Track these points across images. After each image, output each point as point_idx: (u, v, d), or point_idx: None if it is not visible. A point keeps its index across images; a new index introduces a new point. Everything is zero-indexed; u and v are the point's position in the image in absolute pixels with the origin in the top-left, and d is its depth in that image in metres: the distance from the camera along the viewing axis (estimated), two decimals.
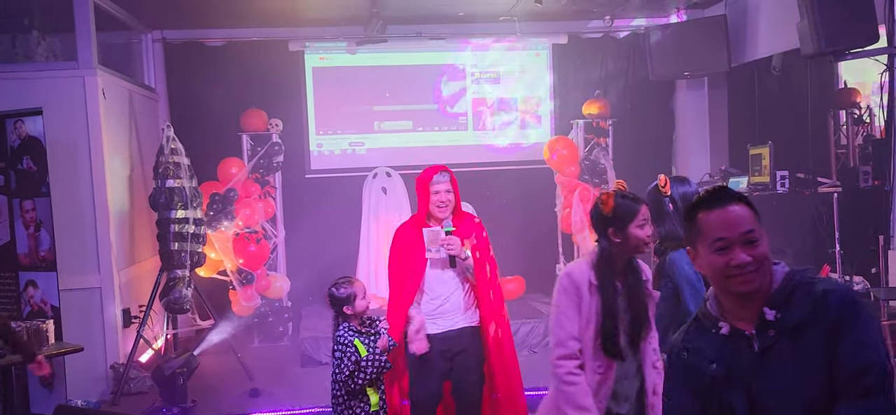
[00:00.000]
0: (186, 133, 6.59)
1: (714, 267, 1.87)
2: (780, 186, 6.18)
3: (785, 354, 1.80)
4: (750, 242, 1.83)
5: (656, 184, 3.30)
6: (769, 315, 1.83)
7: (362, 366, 3.49)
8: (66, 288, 5.41)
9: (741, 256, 1.82)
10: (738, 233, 1.84)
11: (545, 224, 8.11)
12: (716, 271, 1.87)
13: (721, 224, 1.86)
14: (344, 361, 3.51)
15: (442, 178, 3.71)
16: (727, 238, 1.84)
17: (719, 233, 1.85)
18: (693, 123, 8.03)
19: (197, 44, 7.68)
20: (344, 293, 3.63)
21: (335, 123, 8.09)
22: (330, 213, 7.77)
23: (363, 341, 3.59)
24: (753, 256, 1.82)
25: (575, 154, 7.72)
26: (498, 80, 8.34)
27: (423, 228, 3.73)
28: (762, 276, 1.84)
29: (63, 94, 5.78)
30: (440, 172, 3.73)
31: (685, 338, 2.00)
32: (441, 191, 3.69)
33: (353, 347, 3.53)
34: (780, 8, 5.91)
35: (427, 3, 7.05)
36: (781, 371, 1.81)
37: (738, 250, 1.83)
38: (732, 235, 1.84)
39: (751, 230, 1.84)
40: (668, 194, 3.26)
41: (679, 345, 2.00)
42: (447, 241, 3.66)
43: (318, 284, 7.60)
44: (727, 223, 1.85)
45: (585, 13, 7.68)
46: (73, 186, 5.76)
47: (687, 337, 1.99)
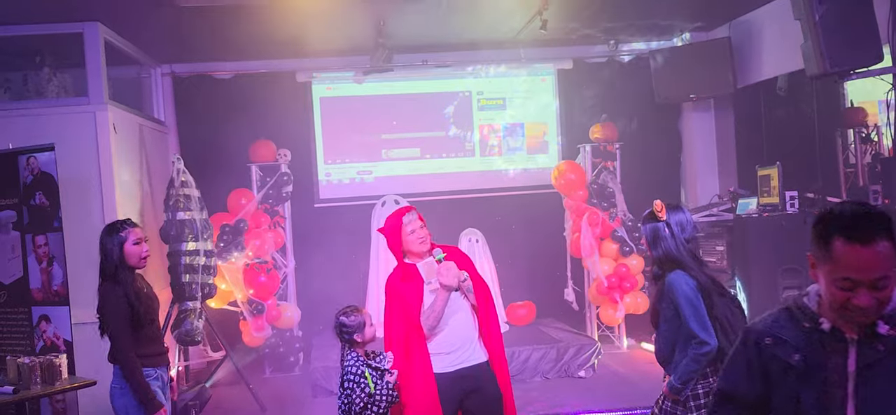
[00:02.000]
0: (196, 165, 6.65)
1: (833, 297, 1.78)
2: (789, 207, 6.16)
3: (890, 369, 1.79)
4: (877, 288, 1.73)
5: (652, 210, 3.42)
6: (882, 329, 1.78)
7: (377, 399, 3.48)
8: (78, 322, 5.42)
9: (865, 298, 1.73)
10: (871, 278, 1.72)
11: (554, 249, 8.10)
12: (834, 301, 1.78)
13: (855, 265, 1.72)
14: (357, 391, 3.49)
15: (412, 216, 3.74)
16: (857, 280, 1.73)
17: (849, 273, 1.73)
18: (700, 144, 8.04)
19: (205, 77, 7.77)
20: (355, 322, 3.63)
21: (343, 151, 8.14)
22: (339, 242, 7.79)
23: (371, 373, 3.57)
24: (878, 300, 1.73)
25: (583, 178, 7.73)
26: (504, 106, 8.39)
27: (417, 265, 3.71)
28: (879, 313, 1.77)
29: (75, 130, 5.85)
30: (408, 212, 3.74)
31: (771, 327, 1.95)
32: (416, 228, 3.69)
33: (364, 379, 3.52)
34: (785, 29, 5.94)
35: (432, 31, 7.12)
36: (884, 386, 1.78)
37: (864, 292, 1.73)
38: (864, 278, 1.73)
39: (883, 276, 1.72)
40: (664, 220, 3.37)
41: (762, 331, 1.95)
42: (445, 267, 3.64)
43: (328, 313, 7.55)
44: (862, 266, 1.71)
45: (590, 38, 7.73)
46: (85, 221, 5.80)
47: (774, 326, 1.95)
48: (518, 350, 6.77)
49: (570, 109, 8.38)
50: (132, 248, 3.83)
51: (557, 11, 6.43)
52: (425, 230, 3.74)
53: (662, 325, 3.35)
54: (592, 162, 7.93)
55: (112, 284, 3.80)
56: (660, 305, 3.35)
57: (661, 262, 3.37)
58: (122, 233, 3.84)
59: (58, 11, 5.69)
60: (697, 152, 8.05)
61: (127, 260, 3.82)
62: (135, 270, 3.89)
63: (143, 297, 3.85)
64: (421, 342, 3.62)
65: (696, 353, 3.18)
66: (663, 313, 3.33)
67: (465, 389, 3.64)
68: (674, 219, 3.36)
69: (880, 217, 1.74)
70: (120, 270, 3.80)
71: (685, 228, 3.36)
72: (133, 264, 3.85)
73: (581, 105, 8.29)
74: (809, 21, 4.88)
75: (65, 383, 4.61)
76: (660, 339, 3.38)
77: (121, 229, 3.85)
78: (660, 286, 3.37)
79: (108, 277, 3.82)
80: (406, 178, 8.17)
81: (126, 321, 3.76)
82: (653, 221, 3.39)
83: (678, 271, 3.27)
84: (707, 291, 3.25)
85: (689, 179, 8.24)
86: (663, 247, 3.35)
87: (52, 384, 4.48)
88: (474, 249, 7.49)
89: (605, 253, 7.50)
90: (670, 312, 3.29)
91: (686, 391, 3.23)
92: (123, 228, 3.87)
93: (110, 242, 3.82)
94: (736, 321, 3.28)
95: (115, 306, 3.77)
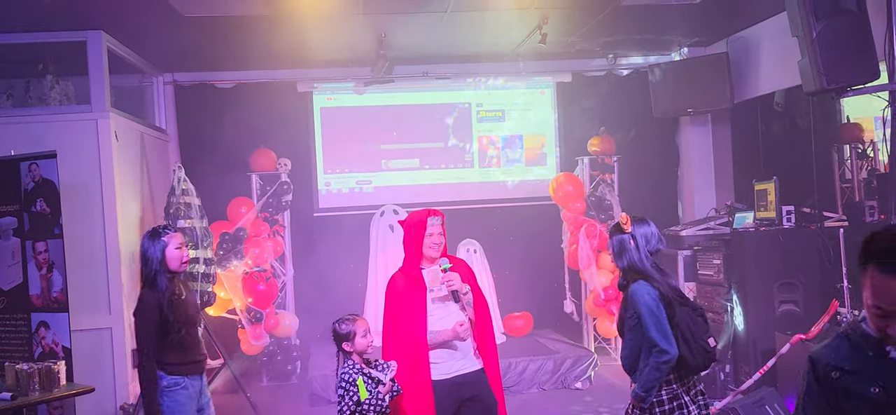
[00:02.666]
0: (197, 173, 6.69)
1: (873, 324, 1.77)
2: (786, 221, 6.20)
3: None
4: None
5: (618, 222, 3.55)
6: None
7: (364, 409, 3.49)
8: (77, 329, 5.45)
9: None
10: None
11: (552, 260, 8.14)
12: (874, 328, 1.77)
13: (886, 296, 1.71)
14: (346, 399, 3.51)
15: (436, 221, 3.79)
16: (886, 310, 1.72)
17: (880, 302, 1.72)
18: (698, 158, 8.08)
19: (207, 86, 7.81)
20: (344, 330, 3.65)
21: (343, 161, 8.18)
22: (338, 251, 7.81)
23: (365, 380, 3.58)
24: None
25: (581, 190, 7.77)
26: (503, 118, 8.44)
27: (423, 270, 3.76)
28: None
29: (76, 137, 5.90)
30: (434, 215, 3.79)
31: (834, 357, 1.88)
32: (435, 233, 3.76)
33: (355, 386, 3.53)
34: (782, 45, 5.99)
35: (433, 43, 7.17)
36: None
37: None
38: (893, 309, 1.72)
39: None
40: (629, 232, 3.49)
41: (827, 364, 1.89)
42: (447, 278, 3.71)
43: (326, 322, 7.59)
44: (891, 296, 1.70)
45: (589, 52, 7.79)
46: (85, 228, 5.84)
47: (837, 357, 1.88)
48: (515, 361, 6.79)
49: (569, 122, 8.43)
50: (174, 252, 3.85)
51: (557, 26, 6.49)
52: (442, 239, 3.81)
53: (627, 334, 3.47)
54: (590, 174, 7.97)
55: (149, 290, 3.81)
56: (625, 315, 3.48)
57: (626, 272, 3.50)
58: (164, 238, 3.85)
59: (61, 20, 5.74)
60: (695, 166, 8.09)
61: (168, 264, 3.83)
62: (175, 275, 3.91)
63: (177, 303, 3.85)
64: (420, 348, 3.66)
65: (657, 361, 3.29)
66: (628, 322, 3.45)
67: (462, 396, 3.68)
68: (639, 231, 3.48)
69: None
70: (159, 274, 3.82)
71: (649, 241, 3.48)
72: (174, 269, 3.87)
73: (579, 118, 8.34)
74: (807, 38, 4.93)
75: (63, 390, 4.62)
76: (625, 347, 3.51)
77: (163, 234, 3.87)
78: (624, 296, 3.51)
79: (148, 283, 3.83)
80: (405, 188, 8.21)
81: (153, 328, 3.75)
82: (619, 234, 3.51)
83: (641, 282, 3.39)
84: (668, 301, 3.36)
85: (686, 192, 8.27)
86: (628, 258, 3.47)
87: (51, 391, 4.50)
88: (472, 260, 7.52)
89: (602, 265, 7.53)
90: (634, 321, 3.41)
91: (650, 398, 3.34)
92: (166, 232, 3.90)
93: (152, 247, 3.83)
94: (697, 330, 3.39)
95: (144, 313, 3.78)
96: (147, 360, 3.77)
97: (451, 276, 3.73)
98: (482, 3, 5.84)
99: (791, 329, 5.64)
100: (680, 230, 7.13)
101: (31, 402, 4.41)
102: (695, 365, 3.38)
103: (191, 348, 3.94)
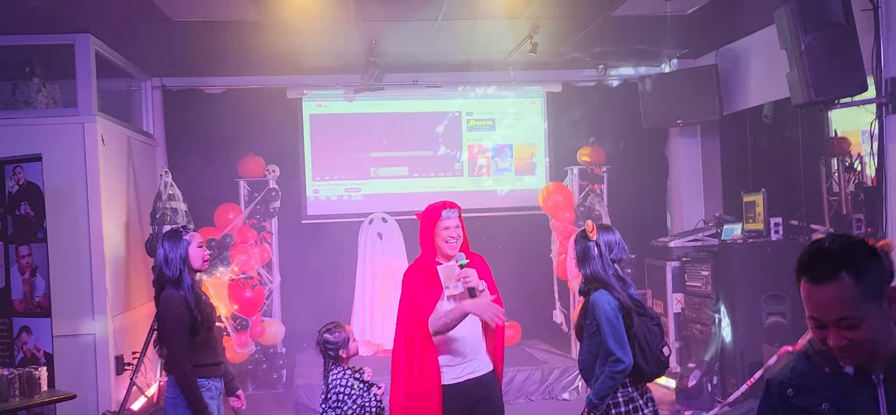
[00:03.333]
0: (184, 179, 6.64)
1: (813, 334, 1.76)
2: (774, 233, 6.22)
3: None
4: (846, 327, 1.69)
5: (584, 229, 3.59)
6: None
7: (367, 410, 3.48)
8: (59, 334, 5.38)
9: (835, 338, 1.70)
10: (833, 319, 1.70)
11: (541, 270, 8.12)
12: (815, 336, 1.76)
13: (814, 303, 1.72)
14: (348, 403, 3.49)
15: (452, 213, 3.64)
16: (821, 320, 1.72)
17: (813, 311, 1.73)
18: (687, 169, 8.10)
19: (196, 91, 7.77)
20: (339, 337, 3.63)
21: (332, 169, 8.15)
22: (326, 258, 7.77)
23: (359, 385, 3.58)
24: (851, 340, 1.70)
25: (570, 200, 7.77)
26: (493, 127, 8.44)
27: (437, 267, 3.57)
28: (866, 353, 1.72)
29: (62, 141, 5.84)
30: (449, 207, 3.62)
31: (790, 375, 1.88)
32: (451, 226, 3.60)
33: (354, 391, 3.52)
34: (771, 58, 6.02)
35: (423, 52, 7.17)
36: None
37: (833, 332, 1.71)
38: (826, 319, 1.71)
39: (843, 318, 1.69)
40: (594, 239, 3.53)
41: (783, 381, 1.89)
42: (463, 274, 3.55)
43: (313, 330, 7.53)
44: (819, 305, 1.71)
45: (579, 62, 7.81)
46: (70, 232, 5.77)
47: (793, 374, 1.88)
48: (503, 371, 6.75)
49: (559, 132, 8.44)
50: (196, 251, 3.83)
51: (548, 35, 6.50)
52: (459, 232, 3.65)
53: (586, 340, 3.53)
54: (580, 184, 7.97)
55: (174, 289, 3.75)
56: (584, 321, 3.55)
57: (588, 280, 3.55)
58: (186, 237, 3.83)
59: (49, 23, 5.69)
60: (684, 177, 8.11)
61: (191, 262, 3.81)
62: (196, 274, 3.89)
63: (202, 303, 3.82)
64: (430, 351, 3.51)
65: (611, 370, 3.36)
66: (587, 328, 3.51)
67: (473, 398, 3.59)
68: (603, 239, 3.53)
69: (843, 255, 1.71)
70: (184, 273, 3.77)
71: (613, 249, 3.52)
72: (197, 267, 3.85)
73: (569, 128, 8.35)
74: (795, 51, 4.95)
75: (44, 397, 4.57)
76: (583, 352, 3.57)
77: (184, 233, 3.85)
78: (584, 303, 3.57)
79: (171, 283, 3.77)
80: (394, 196, 8.18)
81: (185, 328, 3.70)
82: (584, 241, 3.55)
83: (602, 291, 3.45)
84: (627, 311, 3.42)
85: (675, 203, 8.29)
86: (591, 266, 3.51)
87: (32, 397, 4.45)
88: None
89: None
90: (592, 328, 3.47)
91: (602, 406, 3.41)
92: (187, 231, 3.89)
93: (174, 249, 3.78)
94: (654, 340, 3.47)
95: (175, 312, 3.71)
96: (183, 356, 3.69)
97: (468, 272, 3.57)
98: (473, 12, 5.84)
99: (778, 341, 5.65)
100: (668, 241, 7.15)
101: (11, 408, 4.35)
102: (649, 373, 3.47)
103: (214, 349, 3.94)
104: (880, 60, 4.93)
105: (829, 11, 4.88)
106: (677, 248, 6.92)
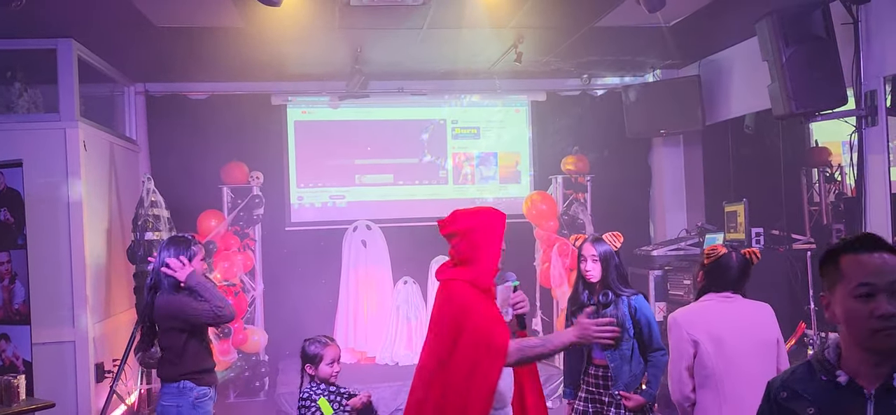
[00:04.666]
0: (167, 185, 6.59)
1: (854, 315, 1.75)
2: (755, 243, 6.26)
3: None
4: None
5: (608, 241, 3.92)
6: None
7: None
8: (39, 342, 5.32)
9: (886, 306, 1.70)
10: (886, 281, 1.71)
11: (524, 278, 8.08)
12: (855, 320, 1.75)
13: (867, 269, 1.73)
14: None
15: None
16: (873, 284, 1.72)
17: (864, 277, 1.73)
18: (670, 179, 8.16)
19: (180, 96, 7.72)
20: (312, 351, 3.58)
21: (316, 176, 8.13)
22: (309, 266, 7.74)
23: (330, 398, 3.52)
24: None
25: (554, 209, 7.80)
26: (478, 135, 8.45)
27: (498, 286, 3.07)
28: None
29: (44, 146, 5.78)
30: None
31: (789, 378, 1.92)
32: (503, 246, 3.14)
33: (315, 405, 3.47)
34: (752, 69, 6.09)
35: (409, 59, 7.17)
36: None
37: (884, 299, 1.70)
38: (880, 281, 1.71)
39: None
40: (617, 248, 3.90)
41: (779, 386, 1.92)
42: (518, 298, 3.06)
43: (296, 338, 7.50)
44: (875, 269, 1.72)
45: (563, 72, 7.85)
46: (50, 238, 5.71)
47: (790, 379, 1.91)
48: None
49: (543, 141, 8.47)
50: (199, 264, 3.93)
51: (532, 45, 6.52)
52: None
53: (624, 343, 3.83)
54: (564, 193, 8.00)
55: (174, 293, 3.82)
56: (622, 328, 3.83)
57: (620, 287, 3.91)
58: (193, 247, 3.93)
59: (31, 27, 5.63)
60: (666, 187, 8.16)
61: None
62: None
63: None
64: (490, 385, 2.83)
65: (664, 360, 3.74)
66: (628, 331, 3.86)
67: None
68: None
69: (882, 240, 1.80)
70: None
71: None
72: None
73: (554, 137, 8.39)
74: (777, 63, 5.01)
75: (22, 405, 4.52)
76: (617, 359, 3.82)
77: (192, 243, 3.95)
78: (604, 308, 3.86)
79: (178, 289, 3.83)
80: (379, 203, 8.17)
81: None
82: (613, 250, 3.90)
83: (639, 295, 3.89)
84: None
85: (657, 212, 8.34)
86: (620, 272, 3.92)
87: (10, 406, 4.39)
88: None
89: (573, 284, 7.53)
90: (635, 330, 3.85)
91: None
92: (196, 243, 3.99)
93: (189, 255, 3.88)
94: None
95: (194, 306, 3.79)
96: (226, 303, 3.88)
97: (522, 296, 3.10)
98: (458, 22, 5.85)
99: None
100: (651, 250, 7.18)
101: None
102: None
103: (211, 355, 4.03)
104: (860, 73, 5.00)
105: (810, 25, 4.95)
106: (660, 256, 6.96)
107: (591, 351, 3.83)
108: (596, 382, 3.83)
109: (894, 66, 4.88)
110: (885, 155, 4.97)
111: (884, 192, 4.97)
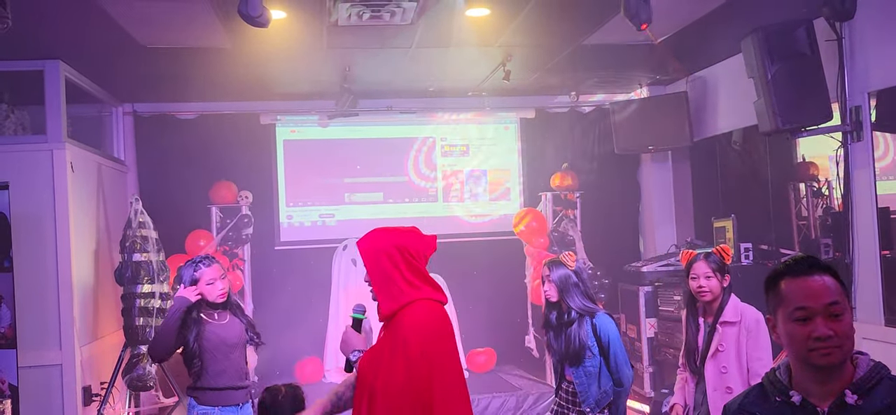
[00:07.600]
0: (155, 205, 6.56)
1: (793, 337, 1.81)
2: (744, 259, 6.29)
3: None
4: (833, 315, 1.78)
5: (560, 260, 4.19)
6: (850, 399, 1.78)
7: None
8: (25, 365, 5.27)
9: (822, 328, 1.76)
10: (822, 304, 1.78)
11: (515, 296, 8.13)
12: (795, 342, 1.81)
13: (804, 293, 1.80)
14: None
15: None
16: (810, 307, 1.79)
17: (801, 301, 1.80)
18: (658, 195, 8.18)
19: (168, 117, 7.70)
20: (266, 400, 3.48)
21: (306, 194, 8.11)
22: (299, 285, 7.71)
23: None
24: (835, 331, 1.77)
25: (544, 226, 7.81)
26: (467, 153, 8.47)
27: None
28: (843, 352, 1.78)
29: (30, 168, 5.74)
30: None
31: (744, 400, 1.96)
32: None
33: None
34: (739, 86, 6.12)
35: (398, 78, 7.19)
36: None
37: (820, 322, 1.77)
38: (815, 305, 1.78)
39: (834, 302, 1.78)
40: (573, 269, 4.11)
41: (735, 410, 1.96)
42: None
43: (286, 357, 7.49)
44: (810, 293, 1.79)
45: (552, 89, 7.89)
46: (37, 261, 5.67)
47: (745, 402, 1.95)
48: (477, 398, 6.74)
49: (533, 158, 8.49)
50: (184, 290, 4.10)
51: (521, 63, 6.55)
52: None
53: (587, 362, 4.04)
54: (553, 210, 8.02)
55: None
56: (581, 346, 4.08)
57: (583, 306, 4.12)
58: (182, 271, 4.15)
59: (18, 48, 5.61)
60: (655, 203, 8.19)
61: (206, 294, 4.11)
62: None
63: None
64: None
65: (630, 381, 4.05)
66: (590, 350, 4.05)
67: None
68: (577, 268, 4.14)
69: (821, 262, 1.87)
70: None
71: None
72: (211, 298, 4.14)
73: (543, 154, 8.41)
74: (762, 79, 5.05)
75: None
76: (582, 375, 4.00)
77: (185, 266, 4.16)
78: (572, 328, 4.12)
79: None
80: (368, 222, 8.10)
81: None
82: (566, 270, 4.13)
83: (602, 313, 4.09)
84: None
85: (647, 228, 8.36)
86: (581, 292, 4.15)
87: None
88: None
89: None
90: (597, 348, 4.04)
91: None
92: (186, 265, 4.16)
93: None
94: None
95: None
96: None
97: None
98: (446, 40, 5.87)
99: None
100: (641, 266, 7.19)
101: None
102: None
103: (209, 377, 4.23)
104: (844, 89, 5.05)
105: (794, 42, 5.00)
106: (650, 272, 6.97)
107: (563, 368, 4.08)
108: (567, 397, 4.04)
109: (878, 82, 4.93)
110: (870, 169, 5.01)
111: (870, 205, 5.01)
